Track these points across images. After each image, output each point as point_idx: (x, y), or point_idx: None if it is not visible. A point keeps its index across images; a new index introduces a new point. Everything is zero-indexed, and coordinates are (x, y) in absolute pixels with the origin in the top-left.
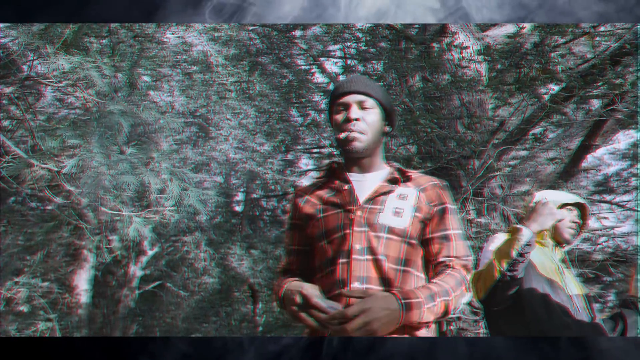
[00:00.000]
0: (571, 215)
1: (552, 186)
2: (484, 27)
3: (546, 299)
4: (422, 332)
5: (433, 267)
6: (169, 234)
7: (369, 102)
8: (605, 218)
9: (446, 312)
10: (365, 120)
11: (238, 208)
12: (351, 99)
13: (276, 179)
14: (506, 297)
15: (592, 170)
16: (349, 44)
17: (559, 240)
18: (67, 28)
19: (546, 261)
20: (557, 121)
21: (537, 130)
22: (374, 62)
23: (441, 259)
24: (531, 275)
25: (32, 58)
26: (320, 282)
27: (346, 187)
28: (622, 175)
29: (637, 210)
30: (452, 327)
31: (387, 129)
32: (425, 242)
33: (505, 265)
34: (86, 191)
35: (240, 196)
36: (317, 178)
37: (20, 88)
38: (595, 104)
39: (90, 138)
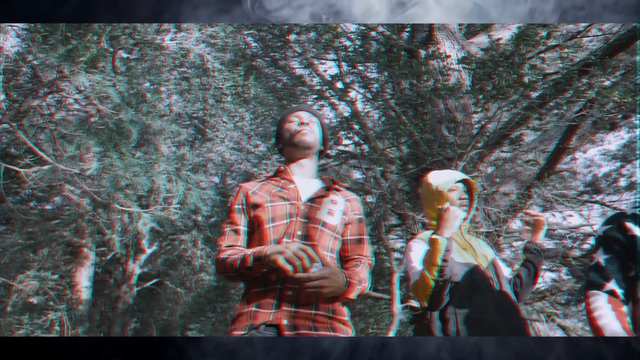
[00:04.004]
0: (457, 193)
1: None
2: (470, 34)
3: (469, 284)
4: (338, 306)
5: (346, 261)
6: (166, 233)
7: (313, 118)
8: (570, 216)
9: (360, 294)
10: (311, 127)
11: None
12: (303, 113)
13: None
14: (444, 297)
15: (569, 171)
16: (341, 51)
17: None
18: (89, 51)
19: (458, 247)
20: (532, 126)
21: (515, 134)
22: (367, 64)
23: (355, 256)
24: (453, 265)
25: (57, 77)
26: None
27: (291, 186)
28: (611, 176)
29: (637, 212)
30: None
31: (321, 147)
32: (344, 242)
33: (435, 273)
34: (105, 191)
35: None
36: (262, 176)
37: (44, 102)
38: (568, 110)
39: (108, 145)
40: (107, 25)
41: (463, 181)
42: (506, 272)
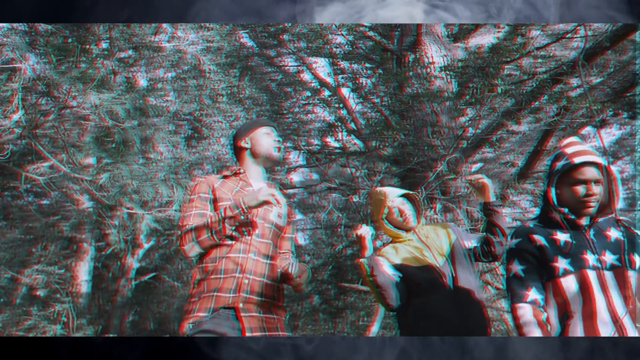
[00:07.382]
0: (397, 210)
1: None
2: (457, 37)
3: (427, 285)
4: (278, 294)
5: (279, 253)
6: (164, 228)
7: (279, 139)
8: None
9: None
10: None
11: None
12: (275, 131)
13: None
14: (391, 298)
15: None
16: (331, 57)
17: (406, 229)
18: (98, 73)
19: (414, 252)
20: (510, 130)
21: (494, 137)
22: (359, 64)
23: (285, 250)
24: (412, 274)
25: (71, 95)
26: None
27: (249, 188)
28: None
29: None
30: None
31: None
32: (282, 238)
33: (373, 287)
34: (112, 196)
35: None
36: (222, 175)
37: (59, 117)
38: (544, 115)
39: (116, 157)
40: (112, 26)
41: (406, 196)
42: (473, 240)
